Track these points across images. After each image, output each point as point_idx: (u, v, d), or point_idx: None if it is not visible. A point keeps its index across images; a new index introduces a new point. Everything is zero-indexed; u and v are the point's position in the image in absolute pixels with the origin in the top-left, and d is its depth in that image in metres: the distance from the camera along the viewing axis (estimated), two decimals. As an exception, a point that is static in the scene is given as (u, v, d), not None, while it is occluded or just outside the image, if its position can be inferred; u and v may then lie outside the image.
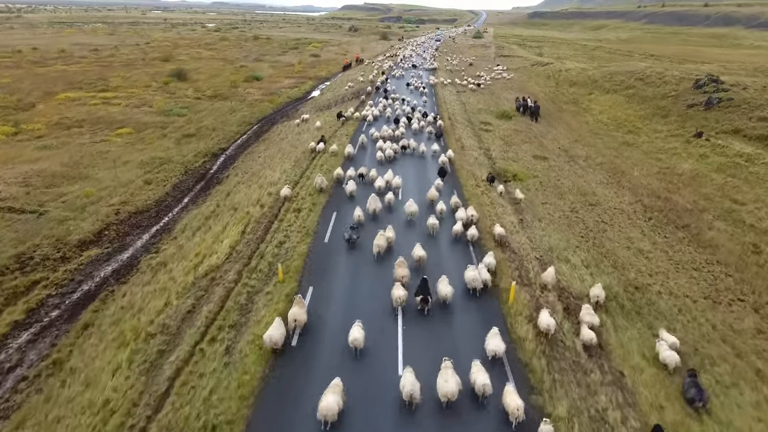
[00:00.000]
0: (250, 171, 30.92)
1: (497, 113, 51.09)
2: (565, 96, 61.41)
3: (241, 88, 67.87)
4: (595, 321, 15.37)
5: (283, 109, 56.66)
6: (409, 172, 30.30)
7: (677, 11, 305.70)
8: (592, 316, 15.50)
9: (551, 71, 77.02)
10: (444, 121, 43.32)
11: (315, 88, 72.29)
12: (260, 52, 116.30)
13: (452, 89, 64.43)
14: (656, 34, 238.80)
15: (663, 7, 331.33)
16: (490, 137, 41.66)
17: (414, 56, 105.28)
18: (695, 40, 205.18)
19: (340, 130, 40.87)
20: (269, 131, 44.72)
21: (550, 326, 14.45)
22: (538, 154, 37.78)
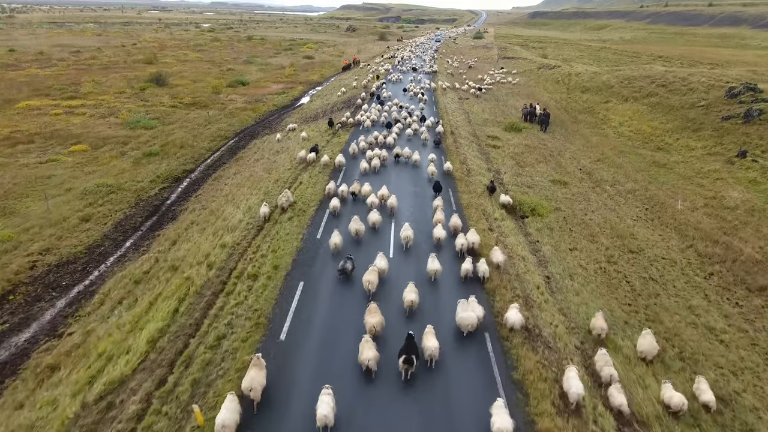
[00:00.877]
0: (210, 206, 25.24)
1: (505, 125, 45.46)
2: (579, 104, 55.77)
3: (224, 95, 62.22)
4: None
5: (267, 119, 50.98)
6: (403, 186, 27.01)
7: (681, 11, 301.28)
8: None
9: (560, 75, 71.38)
10: (446, 137, 37.73)
11: (305, 94, 66.61)
12: (251, 54, 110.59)
13: (453, 96, 58.82)
14: (660, 35, 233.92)
15: (666, 6, 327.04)
16: (500, 156, 36.04)
17: (413, 58, 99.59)
18: (701, 40, 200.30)
19: (332, 138, 36.04)
20: (246, 147, 39.07)
21: (579, 394, 11.71)
22: (556, 177, 32.16)
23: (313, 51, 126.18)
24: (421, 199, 25.47)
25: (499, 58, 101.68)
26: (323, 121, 43.00)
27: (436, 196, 24.47)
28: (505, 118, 49.20)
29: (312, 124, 43.01)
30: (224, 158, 36.89)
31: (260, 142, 39.49)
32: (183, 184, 31.55)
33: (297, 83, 74.19)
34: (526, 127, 45.12)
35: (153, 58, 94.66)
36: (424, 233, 20.87)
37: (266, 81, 75.15)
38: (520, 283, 17.67)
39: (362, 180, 25.33)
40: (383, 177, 28.00)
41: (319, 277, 16.91)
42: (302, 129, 40.28)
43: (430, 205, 23.91)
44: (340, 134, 38.13)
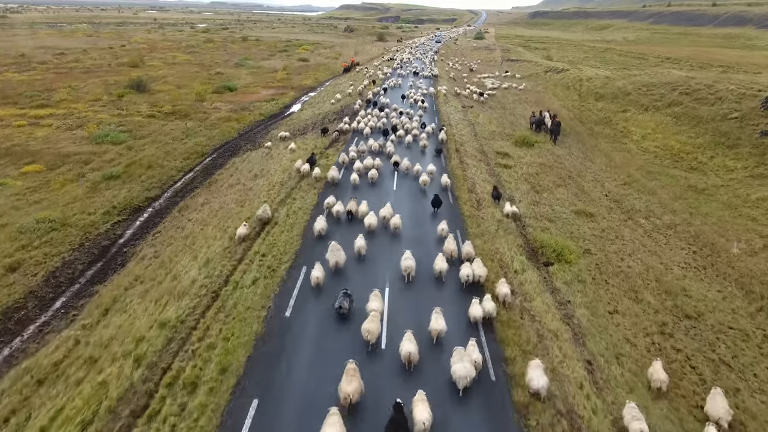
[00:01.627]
0: (164, 253, 20.57)
1: (515, 138, 40.83)
2: (594, 113, 51.14)
3: (208, 102, 57.53)
4: None
5: (252, 130, 46.29)
6: (402, 203, 24.89)
7: (684, 11, 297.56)
8: None
9: (570, 80, 66.75)
10: (451, 155, 33.16)
11: (296, 101, 61.92)
12: (244, 56, 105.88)
13: (457, 103, 54.18)
14: (664, 35, 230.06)
15: (669, 6, 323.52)
16: (512, 178, 31.40)
17: (413, 60, 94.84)
18: (705, 40, 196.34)
19: (326, 149, 32.37)
20: (223, 167, 34.36)
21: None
22: (580, 206, 27.54)
23: (308, 53, 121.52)
24: (421, 219, 23.33)
25: (502, 61, 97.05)
26: (312, 135, 38.39)
27: (436, 212, 23.11)
28: (514, 129, 44.58)
29: (299, 139, 38.34)
30: (197, 181, 32.18)
31: (240, 161, 34.80)
32: (143, 216, 26.84)
33: (289, 88, 69.52)
34: (538, 141, 40.47)
35: (139, 61, 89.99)
36: (424, 263, 18.31)
37: (256, 86, 70.47)
38: (559, 385, 13.01)
39: (357, 196, 23.37)
40: (380, 191, 25.98)
41: (282, 394, 12.22)
42: (287, 144, 35.66)
43: (430, 226, 22.36)
44: (338, 144, 33.98)
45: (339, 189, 26.27)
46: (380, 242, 20.62)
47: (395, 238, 21.11)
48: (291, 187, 26.42)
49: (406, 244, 20.14)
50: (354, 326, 14.43)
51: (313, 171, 28.13)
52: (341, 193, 24.96)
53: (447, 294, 17.25)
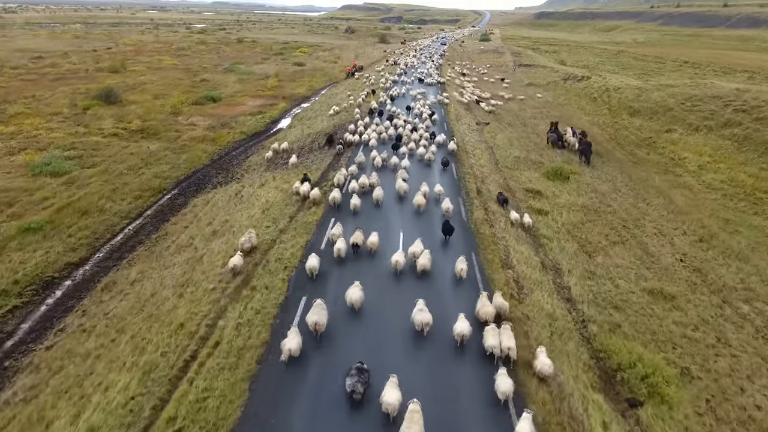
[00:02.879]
0: (42, 393, 13.22)
1: (545, 169, 33.40)
2: (632, 133, 43.68)
3: (184, 116, 50.25)
4: None
5: (228, 154, 38.98)
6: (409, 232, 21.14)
7: (694, 12, 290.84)
8: None
9: (594, 90, 59.34)
10: (472, 197, 25.79)
11: (286, 115, 54.63)
12: (236, 60, 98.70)
13: (470, 119, 46.83)
14: (674, 37, 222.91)
15: (678, 7, 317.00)
16: (551, 230, 24.02)
17: (417, 65, 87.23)
18: (719, 43, 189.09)
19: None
20: (180, 213, 27.00)
21: None
22: (652, 281, 20.18)
23: (305, 56, 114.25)
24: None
25: (515, 66, 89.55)
26: (294, 171, 30.99)
27: (447, 240, 20.68)
28: (541, 155, 37.17)
29: (281, 171, 30.96)
30: (143, 233, 24.86)
31: (201, 203, 27.47)
32: (55, 295, 19.52)
33: (280, 98, 62.22)
34: (574, 171, 33.04)
35: (120, 66, 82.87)
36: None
37: (243, 95, 63.19)
38: None
39: (356, 222, 20.88)
40: (380, 217, 22.52)
41: None
42: (263, 179, 28.40)
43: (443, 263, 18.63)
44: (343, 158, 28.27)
45: (341, 213, 22.80)
46: (381, 285, 16.68)
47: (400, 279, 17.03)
48: (254, 262, 19.04)
49: (414, 286, 16.68)
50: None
51: (311, 193, 24.45)
52: (343, 218, 21.69)
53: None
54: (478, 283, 17.66)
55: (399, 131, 36.58)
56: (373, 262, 18.56)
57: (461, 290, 17.17)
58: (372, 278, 17.10)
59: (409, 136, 35.22)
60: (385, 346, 13.99)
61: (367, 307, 15.48)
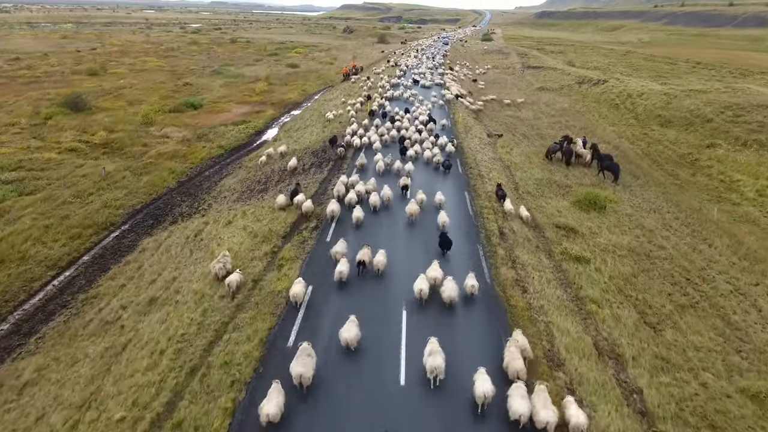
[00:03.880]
0: None
1: (575, 195, 27.74)
2: (667, 147, 38.05)
3: (157, 127, 44.60)
4: None
5: (199, 175, 33.27)
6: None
7: (699, 11, 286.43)
8: None
9: (614, 96, 53.75)
10: (494, 250, 20.15)
11: (273, 124, 48.97)
12: (225, 62, 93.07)
13: (479, 129, 41.25)
14: (680, 36, 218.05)
15: (682, 6, 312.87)
16: (598, 289, 18.36)
17: (424, 70, 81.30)
18: (726, 42, 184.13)
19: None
20: (122, 261, 21.36)
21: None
22: (749, 378, 14.60)
23: (300, 57, 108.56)
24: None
25: (523, 69, 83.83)
26: (272, 193, 25.35)
27: (445, 254, 18.39)
28: (567, 175, 31.56)
29: (255, 200, 25.31)
30: (69, 292, 19.18)
31: (152, 247, 21.81)
32: None
33: (268, 104, 56.62)
34: (610, 198, 27.39)
35: (100, 68, 77.18)
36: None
37: (228, 101, 57.54)
38: None
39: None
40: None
41: None
42: (233, 212, 22.78)
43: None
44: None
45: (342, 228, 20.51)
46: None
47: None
48: (208, 340, 13.46)
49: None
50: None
51: (304, 206, 21.95)
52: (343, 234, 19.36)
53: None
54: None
55: (402, 133, 34.93)
56: (379, 285, 15.99)
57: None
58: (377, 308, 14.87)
59: (413, 139, 33.31)
60: (388, 402, 11.48)
61: (367, 347, 13.10)
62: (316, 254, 18.16)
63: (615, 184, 30.54)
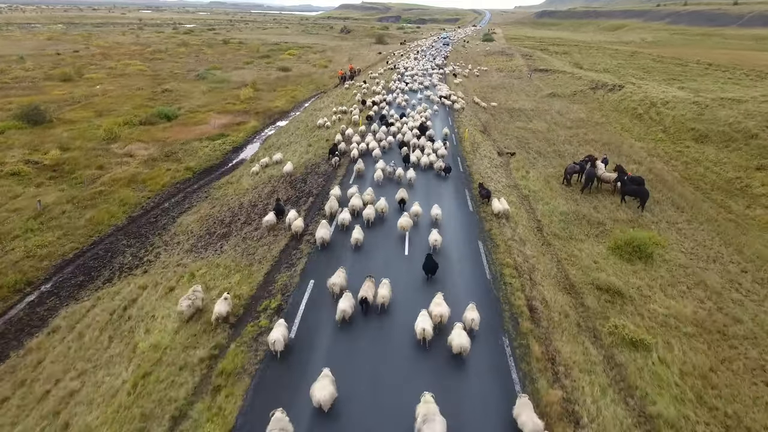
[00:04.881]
0: None
1: (615, 237, 22.39)
2: (709, 168, 32.65)
3: (122, 143, 39.15)
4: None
5: (156, 208, 27.80)
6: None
7: (703, 10, 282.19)
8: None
9: (637, 104, 48.42)
10: (526, 337, 14.82)
11: (255, 138, 43.52)
12: (212, 65, 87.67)
13: (488, 145, 35.92)
14: (684, 36, 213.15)
15: (685, 5, 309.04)
16: (669, 400, 12.99)
17: (419, 72, 75.87)
18: (733, 42, 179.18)
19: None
20: (29, 344, 15.93)
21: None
22: None
23: (293, 59, 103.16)
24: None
25: (530, 72, 78.41)
26: (235, 240, 20.02)
27: (429, 279, 16.60)
28: (596, 206, 26.21)
29: (212, 251, 19.93)
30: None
31: (67, 325, 16.40)
32: None
33: (252, 114, 51.22)
34: (655, 240, 22.03)
35: (75, 73, 71.77)
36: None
37: (208, 110, 52.12)
38: None
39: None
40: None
41: None
42: (172, 285, 17.38)
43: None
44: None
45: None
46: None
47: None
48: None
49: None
50: None
51: (294, 224, 19.93)
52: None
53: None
54: None
55: (399, 138, 33.69)
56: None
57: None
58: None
59: (413, 144, 32.00)
60: None
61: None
62: (274, 371, 12.61)
63: (641, 211, 25.68)
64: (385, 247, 19.04)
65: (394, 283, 15.77)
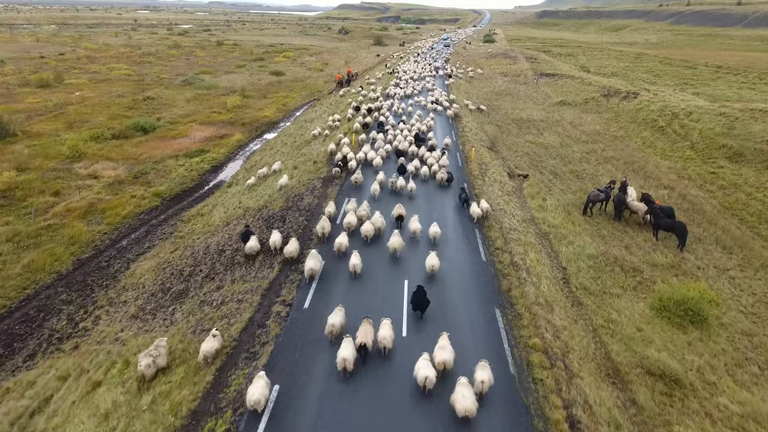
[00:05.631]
0: None
1: (657, 290, 18.35)
2: (749, 194, 28.56)
3: (87, 161, 35.05)
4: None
5: (112, 247, 23.72)
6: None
7: (706, 10, 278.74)
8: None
9: (656, 114, 44.39)
10: (553, 419, 10.89)
11: (237, 155, 39.36)
12: (201, 69, 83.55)
13: (498, 166, 31.87)
14: (688, 37, 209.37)
15: (688, 5, 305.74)
16: None
17: (414, 76, 71.75)
18: (739, 43, 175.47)
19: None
20: None
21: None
22: None
23: (288, 62, 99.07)
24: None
25: (536, 77, 74.31)
26: (191, 303, 16.01)
27: (421, 317, 14.94)
28: (628, 245, 22.18)
29: (160, 320, 15.89)
30: None
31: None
32: None
33: (237, 125, 47.14)
34: (710, 298, 17.97)
35: (55, 79, 67.58)
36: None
37: (190, 121, 48.02)
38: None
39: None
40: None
41: None
42: (100, 377, 13.28)
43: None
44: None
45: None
46: None
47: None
48: None
49: None
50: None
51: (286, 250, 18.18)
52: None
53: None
54: None
55: (396, 145, 32.37)
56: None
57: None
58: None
59: (410, 153, 31.20)
60: None
61: None
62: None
63: (681, 251, 21.77)
64: (383, 272, 16.65)
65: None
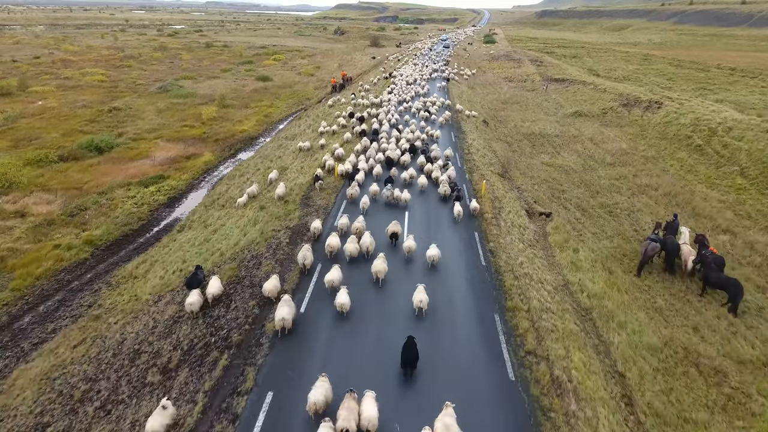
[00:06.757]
0: None
1: (751, 413, 12.60)
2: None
3: (18, 193, 29.10)
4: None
5: (8, 327, 17.92)
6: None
7: (710, 9, 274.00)
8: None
9: (691, 129, 38.66)
10: None
11: (202, 181, 33.27)
12: (186, 72, 77.62)
13: (512, 199, 26.11)
14: (693, 37, 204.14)
15: (691, 5, 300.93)
16: None
17: (410, 81, 65.65)
18: (745, 44, 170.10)
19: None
20: None
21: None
22: None
23: (278, 66, 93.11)
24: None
25: (545, 82, 68.46)
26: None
27: (410, 375, 12.90)
28: (694, 327, 16.45)
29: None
30: None
31: None
32: None
33: (210, 141, 41.24)
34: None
35: (18, 86, 61.55)
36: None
37: (156, 136, 42.06)
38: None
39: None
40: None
41: None
42: None
43: None
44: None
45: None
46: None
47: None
48: None
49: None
50: None
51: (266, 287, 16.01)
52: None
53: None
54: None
55: (388, 154, 30.55)
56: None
57: None
58: None
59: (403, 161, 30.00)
60: None
61: None
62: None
63: (733, 315, 16.37)
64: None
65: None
